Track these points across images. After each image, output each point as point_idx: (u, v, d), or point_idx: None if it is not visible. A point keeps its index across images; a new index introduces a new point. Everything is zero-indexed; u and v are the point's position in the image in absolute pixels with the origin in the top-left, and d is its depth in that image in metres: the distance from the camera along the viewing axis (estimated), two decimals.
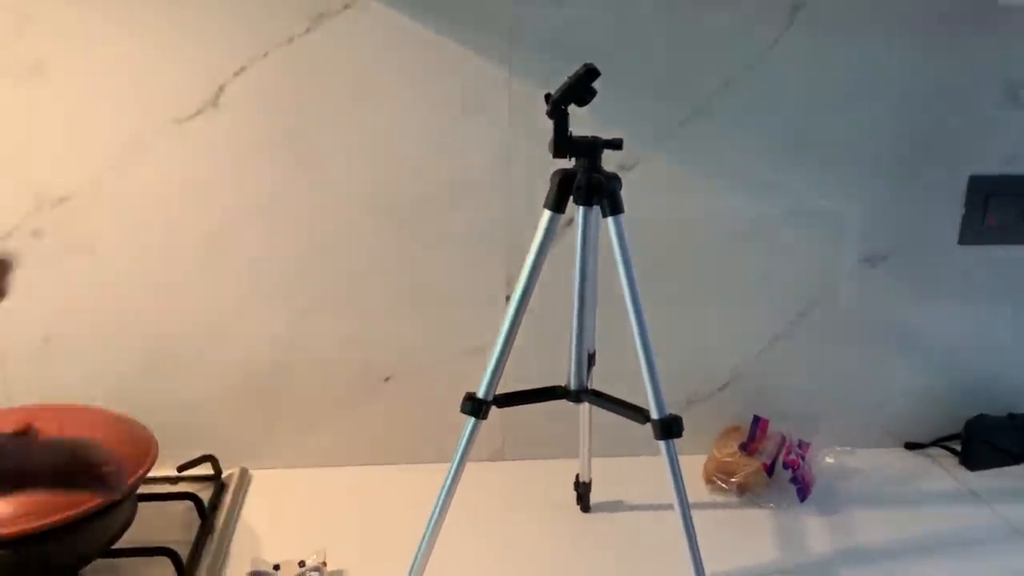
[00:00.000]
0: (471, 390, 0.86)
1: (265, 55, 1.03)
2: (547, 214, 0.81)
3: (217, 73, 1.03)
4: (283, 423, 1.18)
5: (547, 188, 0.84)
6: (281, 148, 1.07)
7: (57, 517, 0.80)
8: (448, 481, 0.85)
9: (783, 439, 1.18)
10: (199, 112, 1.04)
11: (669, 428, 0.80)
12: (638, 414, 0.82)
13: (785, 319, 1.20)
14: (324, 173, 1.08)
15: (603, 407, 0.87)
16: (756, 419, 1.19)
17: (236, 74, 1.03)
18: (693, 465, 1.17)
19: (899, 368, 1.24)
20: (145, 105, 1.03)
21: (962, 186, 1.16)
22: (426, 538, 0.86)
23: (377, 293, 1.13)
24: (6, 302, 1.07)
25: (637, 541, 1.04)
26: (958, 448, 1.24)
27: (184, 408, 1.14)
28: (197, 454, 1.13)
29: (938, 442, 1.26)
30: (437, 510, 0.86)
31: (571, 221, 0.87)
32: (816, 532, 1.07)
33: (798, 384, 1.22)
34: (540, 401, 0.90)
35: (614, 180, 0.80)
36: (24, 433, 0.84)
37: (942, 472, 1.21)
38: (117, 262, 1.08)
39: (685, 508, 0.80)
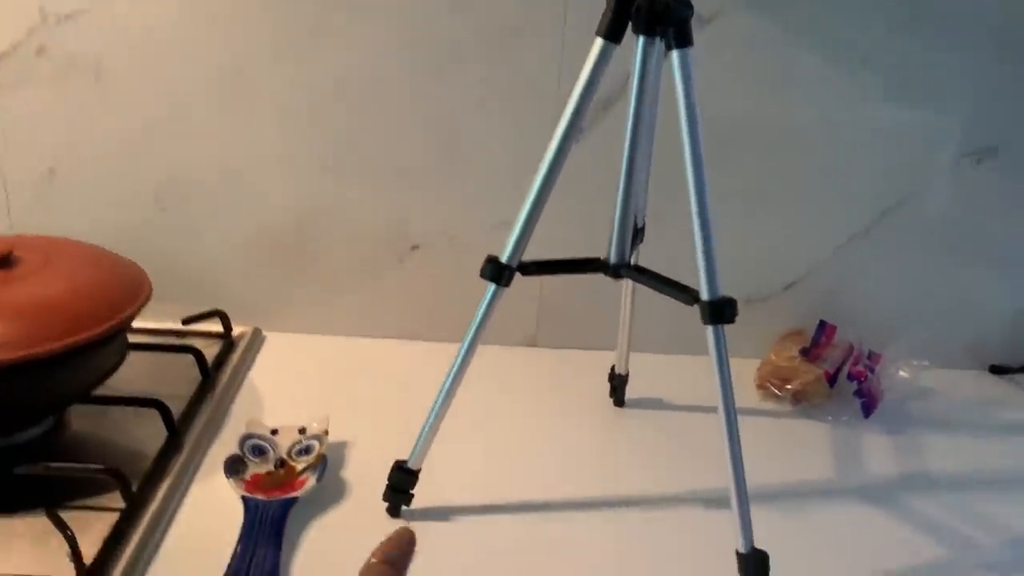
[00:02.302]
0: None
1: None
2: (599, 43, 0.67)
3: None
4: (301, 285, 1.09)
5: None
6: None
7: (23, 352, 0.73)
8: (461, 354, 0.75)
9: (851, 348, 1.05)
10: None
11: (720, 311, 0.68)
12: (685, 294, 0.70)
13: (867, 217, 1.05)
14: (361, 9, 0.95)
15: (645, 284, 0.75)
16: (822, 324, 1.06)
17: None
18: (746, 369, 1.05)
19: (993, 283, 1.08)
20: None
21: None
22: (432, 416, 0.77)
23: (410, 151, 1.02)
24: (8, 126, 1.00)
25: (672, 440, 0.94)
26: None
27: (196, 261, 1.06)
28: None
29: None
30: (447, 385, 0.76)
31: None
32: (878, 452, 0.95)
33: (874, 290, 1.08)
34: (572, 272, 0.79)
35: (684, 6, 0.65)
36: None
37: None
38: (125, 92, 0.99)
39: (729, 400, 0.69)
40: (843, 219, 1.06)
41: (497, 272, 0.72)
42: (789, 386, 1.00)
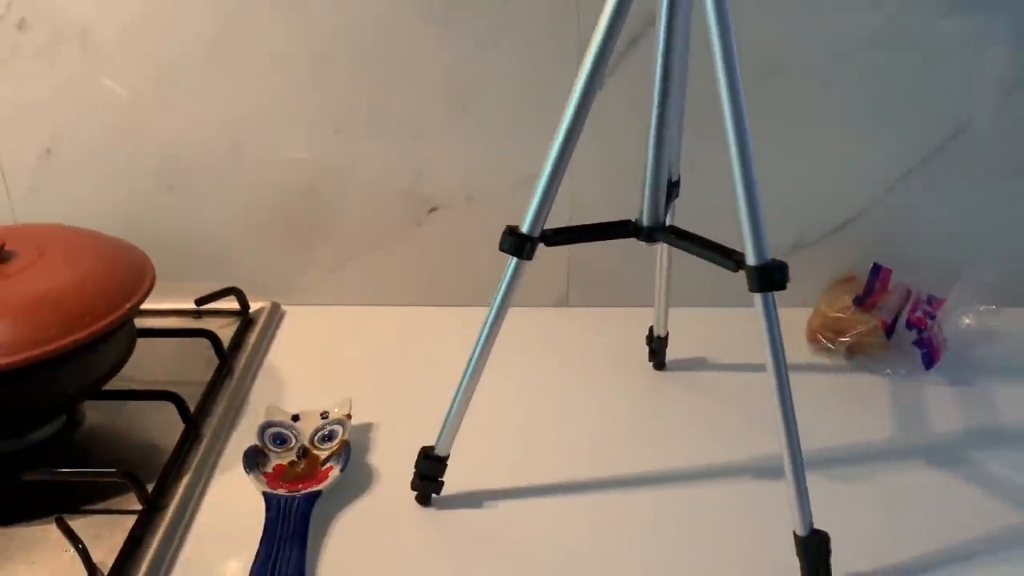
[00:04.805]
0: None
1: None
2: None
3: None
4: (317, 254, 1.03)
5: None
6: None
7: (23, 355, 0.68)
8: (484, 333, 0.69)
9: (908, 293, 0.97)
10: None
11: (770, 277, 0.61)
12: (728, 259, 0.63)
13: (923, 148, 0.96)
14: None
15: (683, 248, 0.68)
16: (876, 268, 0.98)
17: None
18: (795, 320, 0.98)
19: None
20: None
21: None
22: (456, 401, 0.71)
23: (423, 105, 0.95)
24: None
25: (719, 405, 0.88)
26: None
27: (207, 237, 1.01)
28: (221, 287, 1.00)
29: None
30: (470, 369, 0.70)
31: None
32: (943, 407, 0.88)
33: (932, 228, 0.99)
34: (601, 239, 0.72)
35: None
36: None
37: None
38: (113, 59, 0.92)
39: (781, 372, 0.62)
40: (898, 153, 0.97)
41: (518, 245, 0.66)
42: (843, 338, 0.93)
